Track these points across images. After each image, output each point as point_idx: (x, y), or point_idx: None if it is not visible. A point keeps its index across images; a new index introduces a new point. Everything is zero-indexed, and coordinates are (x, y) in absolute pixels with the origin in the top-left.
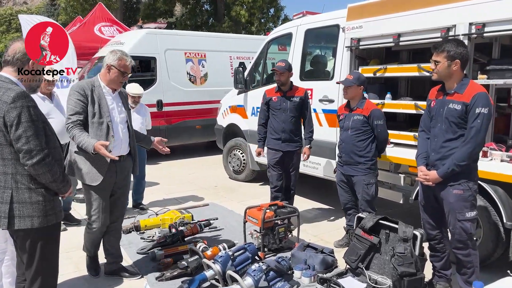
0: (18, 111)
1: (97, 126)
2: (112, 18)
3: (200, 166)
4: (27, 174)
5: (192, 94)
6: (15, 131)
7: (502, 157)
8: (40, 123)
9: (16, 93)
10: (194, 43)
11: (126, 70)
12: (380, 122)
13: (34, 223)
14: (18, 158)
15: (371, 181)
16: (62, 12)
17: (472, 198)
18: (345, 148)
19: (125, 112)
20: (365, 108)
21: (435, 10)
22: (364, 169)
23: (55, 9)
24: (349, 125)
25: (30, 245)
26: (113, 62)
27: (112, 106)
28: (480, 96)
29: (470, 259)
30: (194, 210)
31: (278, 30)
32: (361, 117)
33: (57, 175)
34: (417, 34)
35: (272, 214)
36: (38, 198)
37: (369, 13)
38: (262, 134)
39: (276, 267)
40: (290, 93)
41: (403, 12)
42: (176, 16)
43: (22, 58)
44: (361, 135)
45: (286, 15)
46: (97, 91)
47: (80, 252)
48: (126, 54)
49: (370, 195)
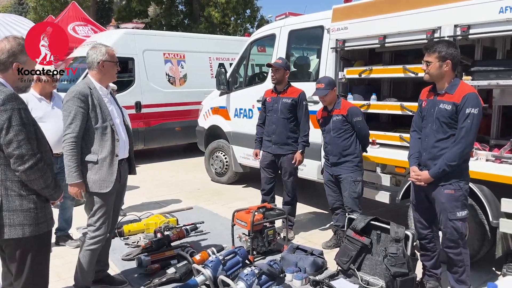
0: (9, 114)
1: (102, 131)
2: (86, 18)
3: (181, 168)
4: (18, 180)
5: (172, 95)
6: (5, 135)
7: (487, 157)
8: (31, 126)
9: (5, 95)
10: (173, 43)
11: (116, 59)
12: (359, 118)
13: (25, 231)
14: (8, 164)
15: (358, 179)
16: (31, 11)
17: (463, 197)
18: (331, 150)
19: (121, 110)
20: (342, 107)
21: (420, 12)
22: (351, 166)
23: (23, 8)
24: (330, 127)
25: (20, 255)
26: (103, 57)
27: (111, 108)
28: (470, 97)
29: (461, 258)
30: (178, 213)
31: (261, 31)
32: (339, 117)
33: (50, 180)
34: (402, 36)
35: (261, 216)
36: (29, 206)
37: (355, 14)
38: (259, 135)
39: (269, 270)
40: (283, 93)
41: (389, 14)
42: (150, 17)
43: (5, 61)
44: (344, 134)
45: (262, 16)
46: (95, 94)
47: (61, 259)
48: (105, 44)
49: (356, 192)
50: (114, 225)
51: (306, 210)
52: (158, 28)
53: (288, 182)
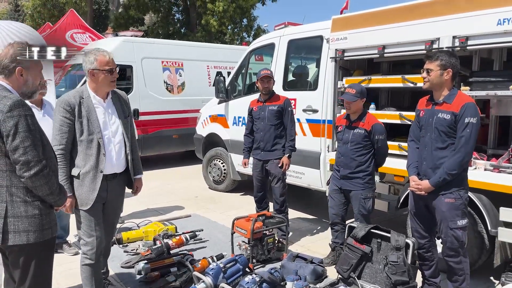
0: (15, 120)
1: (87, 145)
2: (84, 25)
3: (178, 176)
4: (23, 186)
5: (169, 103)
6: (11, 142)
7: (485, 166)
8: (37, 133)
9: (12, 102)
10: (171, 51)
11: (110, 66)
12: (382, 137)
13: (29, 238)
14: (14, 170)
15: (369, 195)
16: (28, 18)
17: (463, 206)
18: (343, 162)
19: (121, 121)
20: (367, 122)
21: (419, 23)
22: (362, 183)
23: (19, 15)
24: (349, 139)
25: (24, 261)
26: (91, 65)
27: (103, 120)
28: (468, 106)
29: (461, 267)
30: (176, 221)
31: (261, 40)
32: (362, 131)
33: (54, 187)
34: (401, 46)
35: (261, 224)
36: (34, 212)
37: (354, 24)
38: (247, 145)
39: (270, 278)
40: (269, 101)
41: (388, 25)
42: (147, 25)
43: (8, 66)
44: (361, 150)
45: (259, 25)
46: (85, 103)
47: (59, 267)
48: (101, 49)
49: (367, 209)
50: (109, 239)
51: (304, 218)
52: (155, 37)
53: (276, 188)
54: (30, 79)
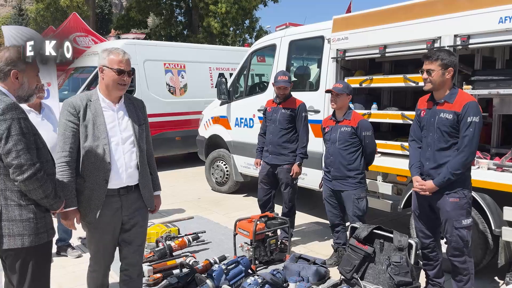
0: (8, 123)
1: (91, 152)
2: (87, 28)
3: (181, 178)
4: (17, 190)
5: (172, 105)
6: (4, 145)
7: (489, 165)
8: (31, 136)
9: (5, 105)
10: (173, 54)
11: (121, 66)
12: (368, 133)
13: (24, 242)
14: (8, 174)
15: (362, 195)
16: (31, 22)
17: (468, 205)
18: (333, 162)
19: (134, 128)
20: (352, 119)
21: (420, 22)
22: (354, 183)
23: (23, 19)
24: (336, 138)
25: (21, 265)
26: (103, 61)
27: (112, 124)
28: (471, 105)
29: (466, 266)
30: (178, 223)
31: (262, 41)
32: (348, 129)
33: (49, 190)
34: (403, 46)
35: (263, 226)
36: (29, 216)
37: (355, 24)
38: (260, 145)
39: (272, 280)
40: (283, 104)
41: (389, 24)
42: (150, 27)
43: (3, 69)
44: (350, 147)
45: (261, 27)
46: (93, 106)
47: (62, 269)
48: (120, 48)
49: (361, 209)
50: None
51: (307, 219)
52: (157, 39)
53: (285, 193)
54: (26, 82)
